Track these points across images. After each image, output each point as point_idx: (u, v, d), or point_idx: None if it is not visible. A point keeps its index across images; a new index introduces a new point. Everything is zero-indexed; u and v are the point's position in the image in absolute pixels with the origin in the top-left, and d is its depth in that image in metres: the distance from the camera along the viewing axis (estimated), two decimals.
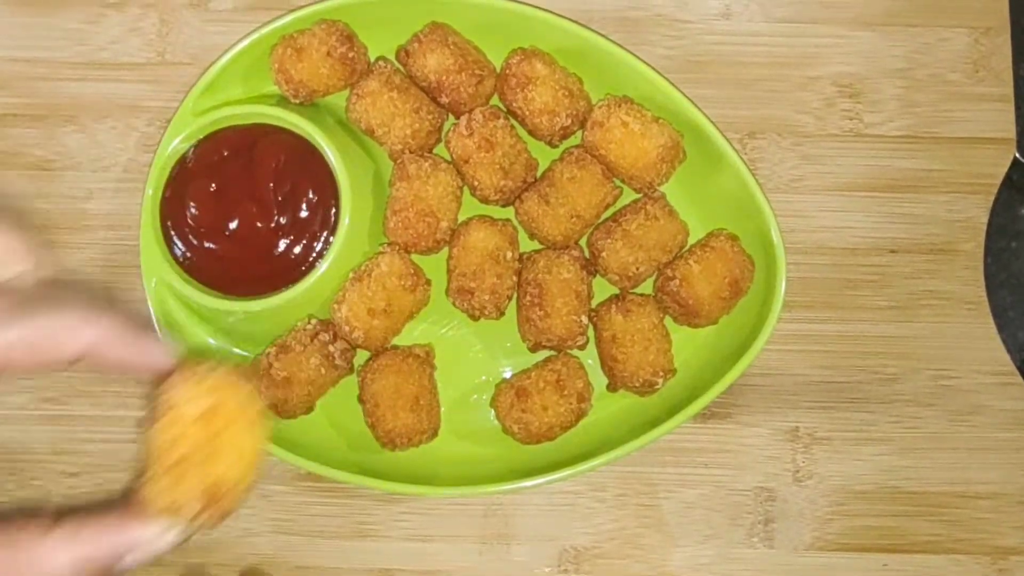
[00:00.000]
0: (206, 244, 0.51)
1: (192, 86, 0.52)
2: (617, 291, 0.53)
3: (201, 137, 0.52)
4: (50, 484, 0.55)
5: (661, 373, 0.51)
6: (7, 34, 0.57)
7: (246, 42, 0.52)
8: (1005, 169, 0.56)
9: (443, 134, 0.53)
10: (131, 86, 0.57)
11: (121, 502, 0.37)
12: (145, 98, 0.57)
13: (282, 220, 0.51)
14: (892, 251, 0.55)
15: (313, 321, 0.52)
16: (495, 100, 0.54)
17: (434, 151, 0.54)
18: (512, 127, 0.52)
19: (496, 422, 0.52)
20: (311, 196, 0.51)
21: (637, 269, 0.52)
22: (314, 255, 0.51)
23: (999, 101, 0.56)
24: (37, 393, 0.55)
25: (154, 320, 0.51)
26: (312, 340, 0.51)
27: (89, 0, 0.57)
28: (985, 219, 0.55)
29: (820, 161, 0.56)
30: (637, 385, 0.51)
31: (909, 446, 0.54)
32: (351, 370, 0.53)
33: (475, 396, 0.54)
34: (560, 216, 0.52)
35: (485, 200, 0.52)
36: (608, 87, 0.53)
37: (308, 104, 0.53)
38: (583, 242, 0.54)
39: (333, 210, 0.51)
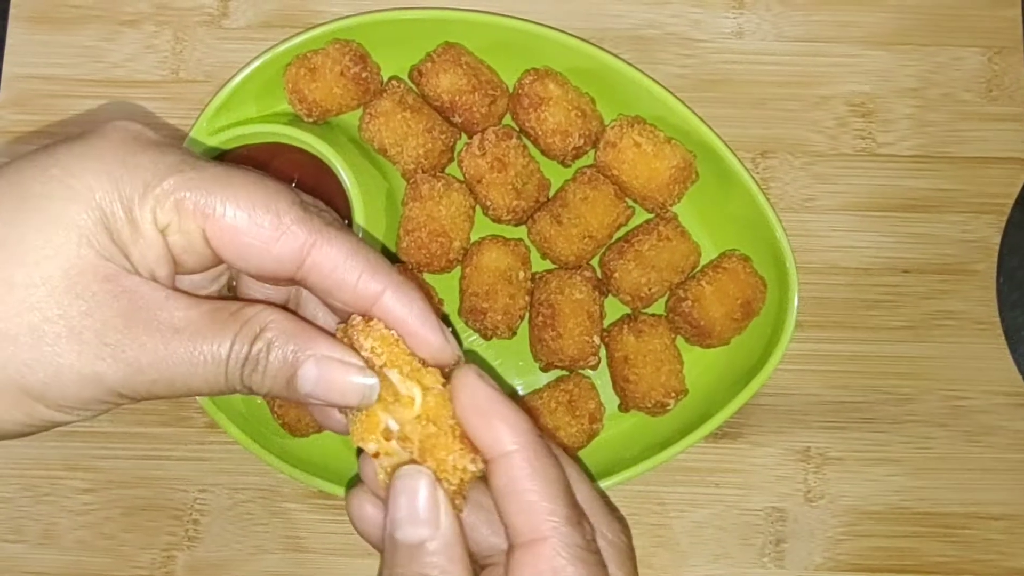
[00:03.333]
0: None
1: (206, 105, 0.52)
2: (629, 311, 0.53)
3: (215, 156, 0.52)
4: (63, 500, 0.55)
5: (673, 394, 0.51)
6: (23, 51, 0.57)
7: (260, 61, 0.52)
8: (1018, 189, 0.55)
9: (456, 154, 0.54)
10: (145, 103, 0.57)
11: None
12: (159, 116, 0.57)
13: None
14: (905, 271, 0.55)
15: None
16: (508, 120, 0.54)
17: (447, 171, 0.54)
18: (525, 147, 0.53)
19: None
20: None
21: (649, 290, 0.52)
22: None
23: (1012, 121, 0.56)
24: None
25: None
26: None
27: (104, 18, 0.57)
28: (998, 239, 0.55)
29: (832, 180, 0.56)
30: (649, 406, 0.51)
31: (921, 467, 0.54)
32: None
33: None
34: (572, 236, 0.52)
35: (498, 220, 0.53)
36: (621, 107, 0.53)
37: (321, 123, 0.54)
38: (595, 262, 0.54)
39: None
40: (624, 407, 0.52)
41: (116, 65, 0.57)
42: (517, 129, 0.53)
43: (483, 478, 0.33)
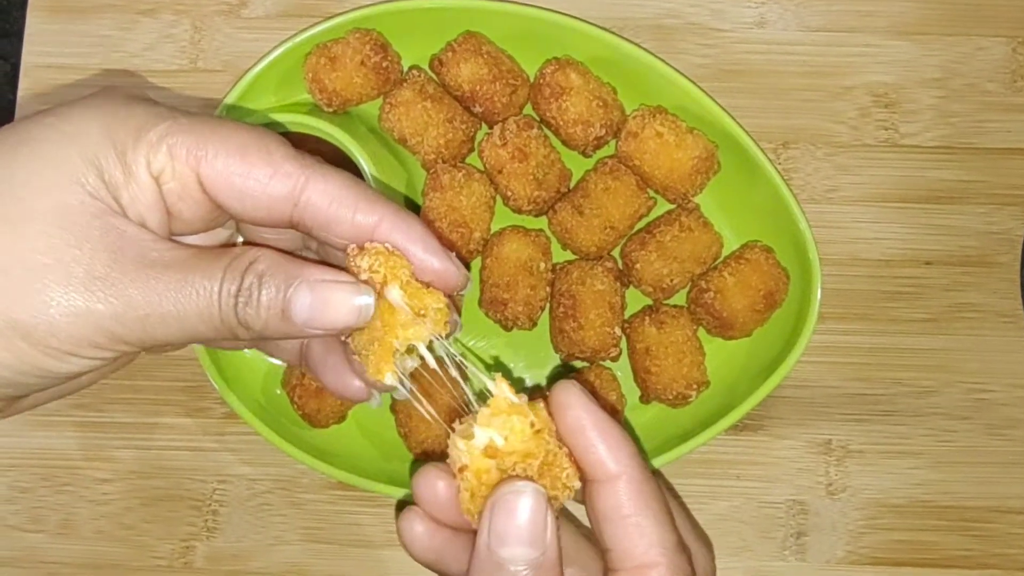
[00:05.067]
0: None
1: (225, 94, 0.52)
2: (650, 302, 0.53)
3: None
4: (82, 490, 0.55)
5: (695, 386, 0.51)
6: (40, 40, 0.57)
7: (279, 50, 0.52)
8: None
9: (476, 144, 0.53)
10: (164, 93, 0.57)
11: None
12: (178, 105, 0.56)
13: None
14: (927, 263, 0.55)
15: None
16: (528, 110, 0.54)
17: (467, 161, 0.54)
18: (546, 137, 0.52)
19: None
20: None
21: (671, 281, 0.51)
22: None
23: None
24: (70, 399, 0.55)
25: None
26: None
27: (122, 7, 0.57)
28: (1022, 231, 0.55)
29: (855, 171, 0.55)
30: (670, 398, 0.51)
31: (943, 460, 0.54)
32: None
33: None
34: (594, 227, 0.51)
35: (518, 210, 0.52)
36: (642, 97, 0.52)
37: (341, 113, 0.53)
38: (616, 253, 0.54)
39: None
40: (645, 399, 0.52)
41: (134, 54, 0.57)
42: (538, 119, 0.53)
43: None
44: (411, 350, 0.33)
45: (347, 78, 0.51)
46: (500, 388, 0.32)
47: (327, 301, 0.32)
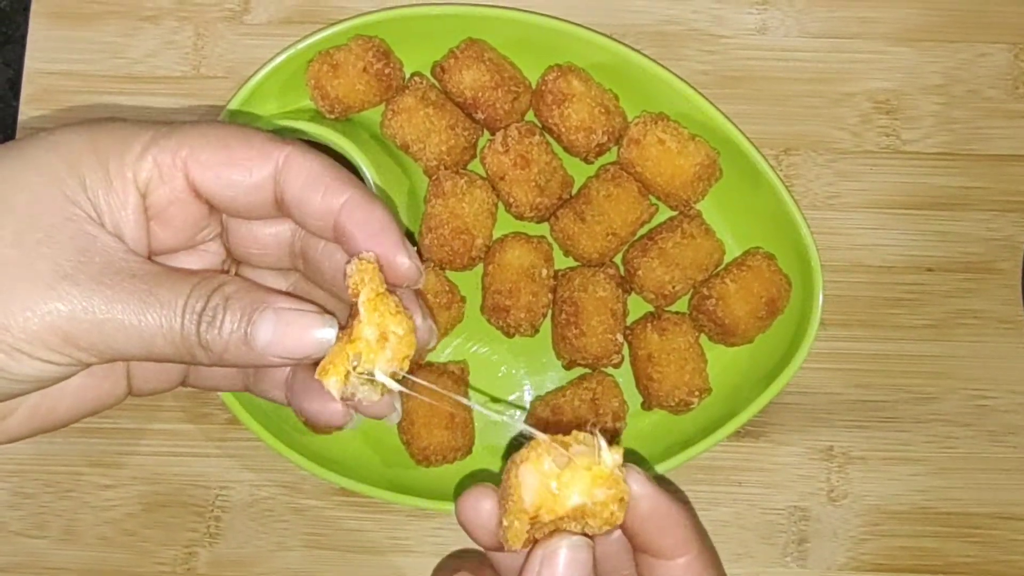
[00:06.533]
0: None
1: (228, 101, 0.52)
2: (652, 309, 0.53)
3: None
4: (85, 495, 0.55)
5: (697, 392, 0.51)
6: (43, 47, 0.57)
7: (282, 57, 0.52)
8: None
9: (478, 150, 0.53)
10: (166, 99, 0.57)
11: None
12: (180, 112, 0.57)
13: None
14: (929, 269, 0.55)
15: None
16: (530, 116, 0.54)
17: (469, 167, 0.54)
18: (548, 144, 0.52)
19: None
20: None
21: (673, 287, 0.51)
22: None
23: None
24: None
25: None
26: None
27: (125, 13, 0.57)
28: (1023, 237, 0.55)
29: (856, 178, 0.55)
30: (672, 404, 0.51)
31: (945, 466, 0.54)
32: None
33: (509, 413, 0.54)
34: (596, 233, 0.51)
35: (520, 217, 0.52)
36: (644, 103, 0.52)
37: (343, 120, 0.53)
38: (618, 260, 0.54)
39: None
40: (647, 405, 0.52)
41: (137, 61, 0.57)
42: (540, 126, 0.53)
43: None
44: (373, 380, 0.32)
45: (349, 85, 0.51)
46: (615, 459, 0.31)
47: (288, 327, 0.32)
